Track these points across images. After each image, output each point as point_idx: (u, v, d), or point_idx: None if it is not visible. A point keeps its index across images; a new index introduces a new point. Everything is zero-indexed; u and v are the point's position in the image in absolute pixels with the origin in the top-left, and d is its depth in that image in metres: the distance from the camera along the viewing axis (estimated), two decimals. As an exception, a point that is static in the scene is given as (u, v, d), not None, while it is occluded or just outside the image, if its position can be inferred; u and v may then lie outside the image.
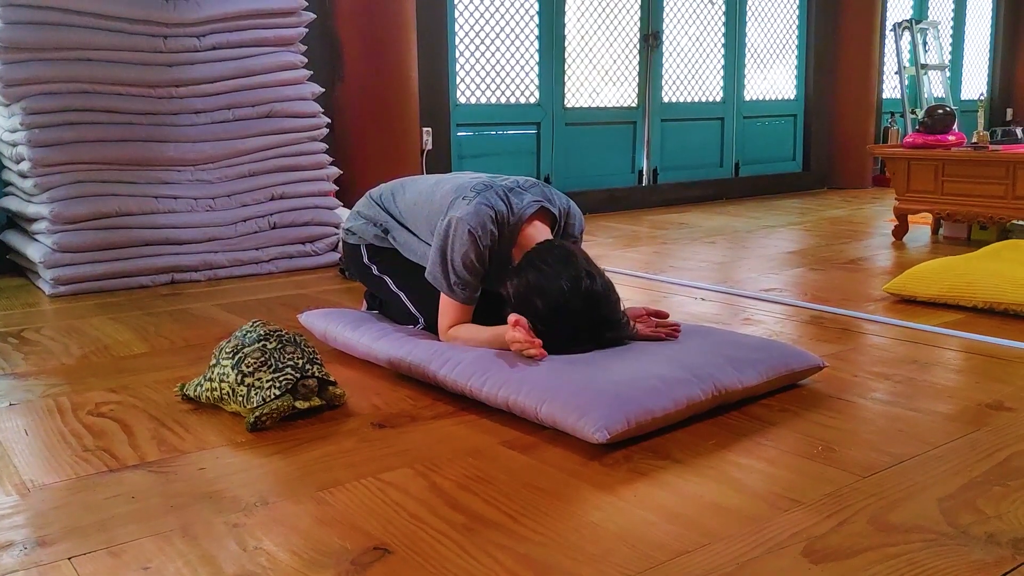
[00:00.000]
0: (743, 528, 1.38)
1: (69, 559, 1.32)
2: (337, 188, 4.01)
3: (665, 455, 1.69)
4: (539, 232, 2.20)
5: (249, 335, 1.96)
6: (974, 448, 1.72)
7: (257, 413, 1.82)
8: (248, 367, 1.87)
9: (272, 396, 1.83)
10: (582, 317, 2.02)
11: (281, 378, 1.86)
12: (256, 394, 1.84)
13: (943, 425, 1.85)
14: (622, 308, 2.12)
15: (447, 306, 2.21)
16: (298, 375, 1.88)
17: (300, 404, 1.88)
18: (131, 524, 1.42)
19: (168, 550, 1.34)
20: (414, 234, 2.41)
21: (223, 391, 1.91)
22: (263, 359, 1.88)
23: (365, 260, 2.52)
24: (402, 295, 2.41)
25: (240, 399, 1.87)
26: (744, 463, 1.65)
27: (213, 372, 1.95)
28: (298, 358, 1.91)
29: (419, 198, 2.40)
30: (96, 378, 2.26)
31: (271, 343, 1.92)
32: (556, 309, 2.00)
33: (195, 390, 2.00)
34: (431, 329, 2.30)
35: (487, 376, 1.93)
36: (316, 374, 1.92)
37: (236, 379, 1.88)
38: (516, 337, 1.97)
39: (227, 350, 1.95)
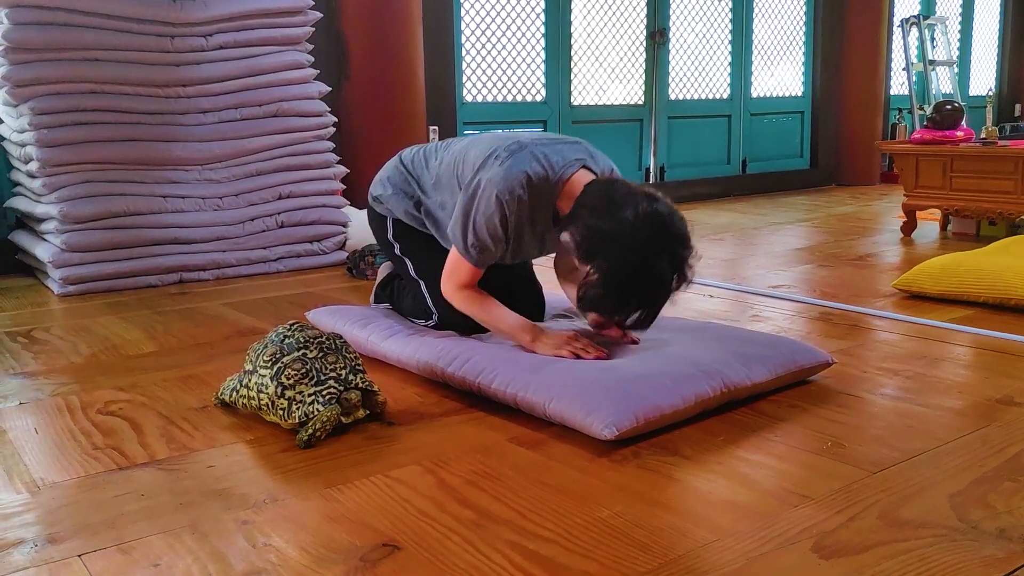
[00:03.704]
0: (752, 524, 1.38)
1: (79, 556, 1.32)
2: (344, 187, 4.02)
3: (674, 451, 1.68)
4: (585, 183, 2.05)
5: (288, 341, 1.85)
6: (984, 443, 1.71)
7: (310, 431, 1.74)
8: (288, 379, 1.78)
9: (315, 412, 1.75)
10: (656, 242, 1.86)
11: (324, 391, 1.77)
12: (298, 408, 1.76)
13: (953, 420, 1.84)
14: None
15: (457, 264, 2.11)
16: (341, 388, 1.79)
17: (344, 419, 1.80)
18: (141, 521, 1.43)
19: (177, 547, 1.34)
20: (446, 210, 2.24)
21: (261, 402, 1.82)
22: (304, 370, 1.78)
23: (390, 236, 2.42)
24: (421, 284, 2.33)
25: (281, 412, 1.78)
26: (753, 459, 1.65)
27: (251, 380, 1.85)
28: (340, 368, 1.81)
29: (451, 163, 2.24)
30: (105, 377, 2.27)
31: (311, 351, 1.82)
32: (625, 243, 1.85)
33: (231, 395, 1.91)
34: (444, 327, 2.28)
35: (495, 373, 1.93)
36: (359, 384, 1.82)
37: (276, 391, 1.79)
38: (576, 347, 1.98)
39: (264, 357, 1.84)
